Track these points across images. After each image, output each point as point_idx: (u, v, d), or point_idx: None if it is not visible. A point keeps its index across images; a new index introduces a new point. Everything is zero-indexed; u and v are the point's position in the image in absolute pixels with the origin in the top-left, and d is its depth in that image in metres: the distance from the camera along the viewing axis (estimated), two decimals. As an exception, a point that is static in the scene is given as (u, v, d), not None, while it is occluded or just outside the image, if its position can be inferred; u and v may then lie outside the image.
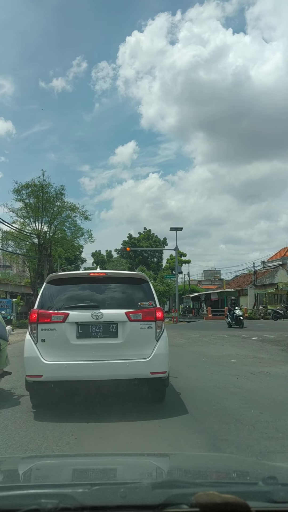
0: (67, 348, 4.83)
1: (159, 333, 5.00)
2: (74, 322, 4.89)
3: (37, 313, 4.95)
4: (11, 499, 1.19)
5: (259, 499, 1.15)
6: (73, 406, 5.38)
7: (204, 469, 1.78)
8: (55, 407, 5.32)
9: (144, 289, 5.34)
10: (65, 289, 5.32)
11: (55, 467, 1.90)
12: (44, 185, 32.56)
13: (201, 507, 1.06)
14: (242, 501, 1.06)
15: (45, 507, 1.08)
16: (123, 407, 5.23)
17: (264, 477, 1.30)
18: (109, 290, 5.37)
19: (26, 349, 4.94)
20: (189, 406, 5.28)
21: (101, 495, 1.18)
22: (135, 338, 4.94)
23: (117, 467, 1.86)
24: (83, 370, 4.80)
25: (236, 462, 2.19)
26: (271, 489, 1.20)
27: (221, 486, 1.32)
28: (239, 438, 4.09)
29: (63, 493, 1.19)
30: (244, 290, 42.79)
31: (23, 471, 1.79)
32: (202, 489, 1.13)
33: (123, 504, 1.11)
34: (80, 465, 1.95)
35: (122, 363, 4.84)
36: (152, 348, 4.92)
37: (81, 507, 1.08)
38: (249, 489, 1.27)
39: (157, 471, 1.83)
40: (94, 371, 4.82)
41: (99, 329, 4.93)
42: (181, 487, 1.26)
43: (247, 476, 1.62)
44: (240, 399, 5.70)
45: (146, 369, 4.88)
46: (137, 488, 1.22)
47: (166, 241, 61.49)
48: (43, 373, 4.79)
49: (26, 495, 1.23)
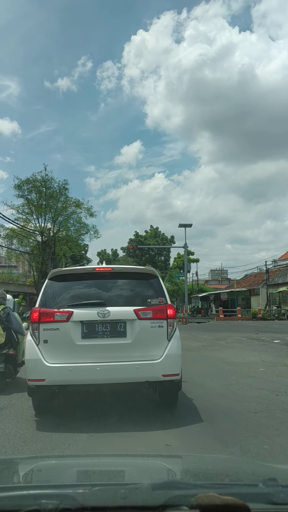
0: (71, 350, 4.59)
1: (170, 332, 4.75)
2: (79, 321, 4.66)
3: (38, 312, 4.69)
4: (12, 500, 1.20)
5: (259, 501, 1.16)
6: (78, 413, 5.16)
7: (204, 470, 1.79)
8: (58, 414, 5.10)
9: (153, 285, 5.10)
10: (68, 286, 5.09)
11: (56, 467, 1.91)
12: (46, 180, 31.14)
13: (201, 509, 1.07)
14: (242, 503, 1.07)
15: (45, 508, 1.09)
16: (132, 416, 4.88)
17: (264, 478, 1.29)
18: (116, 287, 5.15)
19: (27, 351, 4.76)
20: (229, 446, 3.96)
21: (101, 496, 1.19)
22: (145, 337, 4.69)
23: (117, 468, 1.87)
24: (88, 373, 4.56)
25: (236, 463, 2.17)
26: (271, 490, 1.21)
27: (221, 488, 1.34)
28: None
29: (63, 494, 1.20)
30: (256, 289, 41.37)
31: (24, 472, 1.80)
32: (202, 491, 1.15)
33: (123, 505, 1.13)
34: (81, 466, 1.97)
35: (131, 365, 4.58)
36: (163, 348, 4.68)
37: (81, 507, 1.10)
38: (249, 491, 1.28)
39: (157, 472, 1.83)
40: (100, 374, 4.58)
41: (106, 328, 4.69)
42: (181, 488, 1.27)
43: (247, 477, 1.61)
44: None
45: (157, 371, 4.62)
46: (138, 489, 1.23)
47: (174, 239, 59.89)
48: (46, 376, 4.55)
49: (27, 496, 1.24)
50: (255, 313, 33.17)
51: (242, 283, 48.35)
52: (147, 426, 4.46)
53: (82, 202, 33.95)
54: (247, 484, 1.46)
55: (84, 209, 34.04)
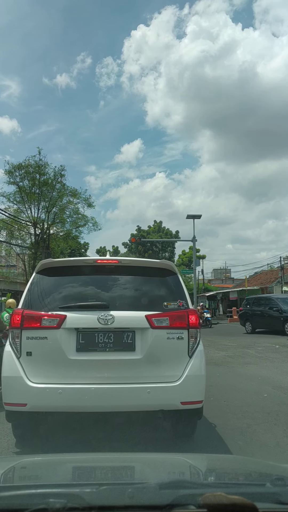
0: (62, 366, 3.71)
1: (193, 345, 3.86)
2: (74, 329, 3.77)
3: (21, 315, 3.78)
4: (20, 499, 1.24)
5: (266, 500, 1.19)
6: (71, 443, 4.18)
7: (211, 470, 1.82)
8: (46, 443, 4.19)
9: (171, 284, 4.21)
10: (62, 282, 4.17)
11: (63, 467, 1.94)
12: (40, 165, 28.03)
13: (208, 508, 1.10)
14: (249, 502, 1.10)
15: (53, 507, 1.12)
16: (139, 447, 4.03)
17: (272, 478, 1.32)
18: (123, 285, 4.22)
19: (5, 366, 3.80)
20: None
21: (108, 495, 1.23)
22: (160, 352, 3.81)
23: (124, 468, 1.90)
24: (84, 397, 3.67)
25: (243, 463, 2.17)
26: (278, 490, 1.24)
27: (229, 487, 1.36)
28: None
29: (71, 493, 1.24)
30: (269, 288, 38.39)
31: (31, 471, 1.83)
32: (209, 490, 1.18)
33: (130, 504, 1.16)
34: (88, 465, 1.98)
35: (141, 388, 3.69)
36: (183, 367, 3.80)
37: (88, 506, 1.13)
38: (257, 490, 1.29)
39: (164, 471, 1.85)
40: (100, 400, 3.70)
41: (108, 338, 3.79)
42: (189, 487, 1.31)
43: (254, 477, 1.63)
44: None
45: (175, 398, 3.73)
46: (145, 488, 1.27)
47: (178, 234, 56.64)
48: (28, 400, 3.64)
49: (35, 495, 1.28)
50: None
51: (252, 281, 45.64)
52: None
53: (80, 192, 30.79)
54: (254, 483, 1.48)
55: (82, 199, 30.86)
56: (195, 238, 33.02)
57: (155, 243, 58.36)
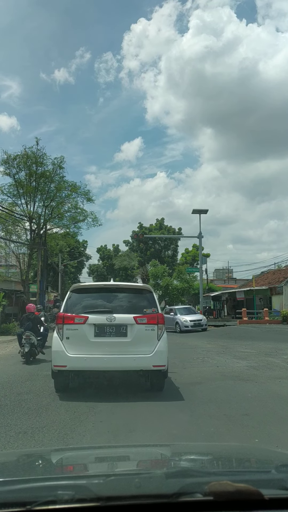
0: (86, 344, 6.53)
1: (160, 334, 6.72)
2: (93, 324, 6.63)
3: (63, 316, 6.73)
4: (29, 491, 1.28)
5: (272, 487, 1.21)
6: (89, 391, 7.19)
7: (217, 458, 1.87)
8: (72, 393, 6.97)
9: (148, 298, 7.14)
10: (85, 297, 7.21)
11: (70, 459, 2.00)
12: (38, 156, 26.39)
13: (214, 496, 1.13)
14: (255, 489, 1.12)
15: (61, 499, 1.16)
16: (131, 391, 7.08)
17: (277, 465, 1.35)
18: (120, 299, 7.19)
19: (54, 344, 6.74)
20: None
21: (116, 486, 1.27)
22: (141, 337, 6.62)
23: (131, 458, 1.96)
24: (99, 362, 6.56)
25: (248, 450, 2.25)
26: (284, 476, 1.26)
27: (234, 475, 1.38)
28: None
29: (79, 485, 1.29)
30: (278, 288, 36.73)
31: (39, 464, 1.89)
32: (215, 478, 1.21)
33: (138, 494, 1.19)
34: (95, 457, 2.05)
35: (130, 357, 6.54)
36: (154, 346, 6.60)
37: (96, 497, 1.16)
38: (262, 477, 1.31)
39: (170, 461, 1.91)
40: (107, 363, 6.61)
41: (112, 330, 6.63)
42: (195, 476, 1.33)
43: (259, 464, 1.67)
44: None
45: (149, 363, 6.56)
46: (152, 478, 1.31)
47: (181, 232, 55.08)
48: (67, 363, 6.52)
49: (43, 487, 1.32)
50: (286, 315, 28.36)
51: (259, 281, 44.00)
52: (142, 398, 6.57)
53: (79, 186, 29.18)
54: (259, 470, 1.51)
55: (81, 193, 29.22)
56: (201, 234, 31.44)
57: (157, 241, 56.68)
